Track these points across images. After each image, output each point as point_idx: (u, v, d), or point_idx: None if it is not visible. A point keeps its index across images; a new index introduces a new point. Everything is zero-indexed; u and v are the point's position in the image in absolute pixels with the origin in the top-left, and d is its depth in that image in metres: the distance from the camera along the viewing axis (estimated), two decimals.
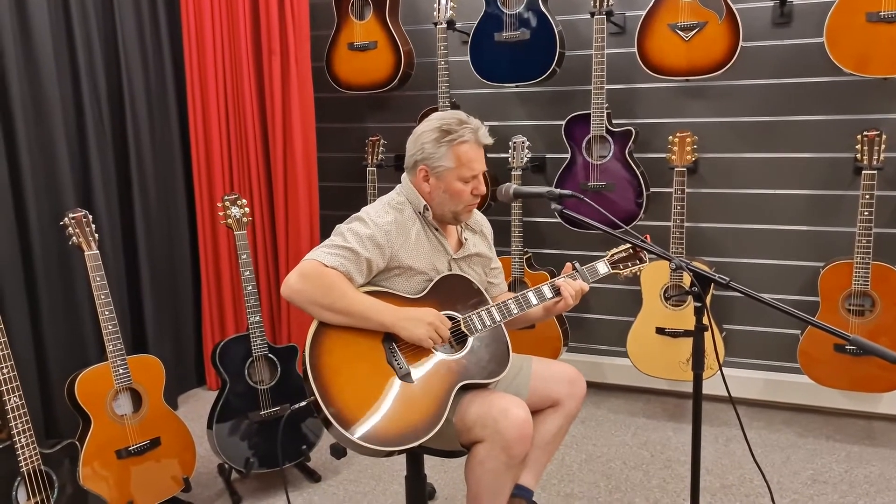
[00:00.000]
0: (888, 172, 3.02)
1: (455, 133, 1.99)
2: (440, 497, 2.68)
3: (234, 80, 3.57)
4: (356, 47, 3.55)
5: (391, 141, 3.71)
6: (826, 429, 3.11)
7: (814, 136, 3.14)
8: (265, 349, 2.71)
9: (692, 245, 3.32)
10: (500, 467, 1.91)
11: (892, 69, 2.74)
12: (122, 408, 2.43)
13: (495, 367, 1.99)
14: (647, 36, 3.05)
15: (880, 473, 2.75)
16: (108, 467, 2.37)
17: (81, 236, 2.39)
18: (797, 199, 3.21)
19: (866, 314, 2.89)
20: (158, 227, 3.52)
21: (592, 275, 2.12)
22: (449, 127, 2.00)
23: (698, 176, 3.33)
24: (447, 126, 2.00)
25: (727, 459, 2.88)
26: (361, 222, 2.01)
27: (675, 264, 1.69)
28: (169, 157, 3.58)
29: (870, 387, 2.93)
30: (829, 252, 3.15)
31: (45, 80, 2.93)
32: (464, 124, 2.01)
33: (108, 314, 2.37)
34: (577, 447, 3.03)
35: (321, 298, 1.91)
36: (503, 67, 3.29)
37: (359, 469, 2.90)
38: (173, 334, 3.63)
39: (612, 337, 3.58)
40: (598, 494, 2.67)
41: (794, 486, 2.68)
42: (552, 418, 2.13)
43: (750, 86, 3.20)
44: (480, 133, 2.03)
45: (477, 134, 2.02)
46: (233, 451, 2.66)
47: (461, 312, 2.02)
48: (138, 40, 3.38)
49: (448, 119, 2.02)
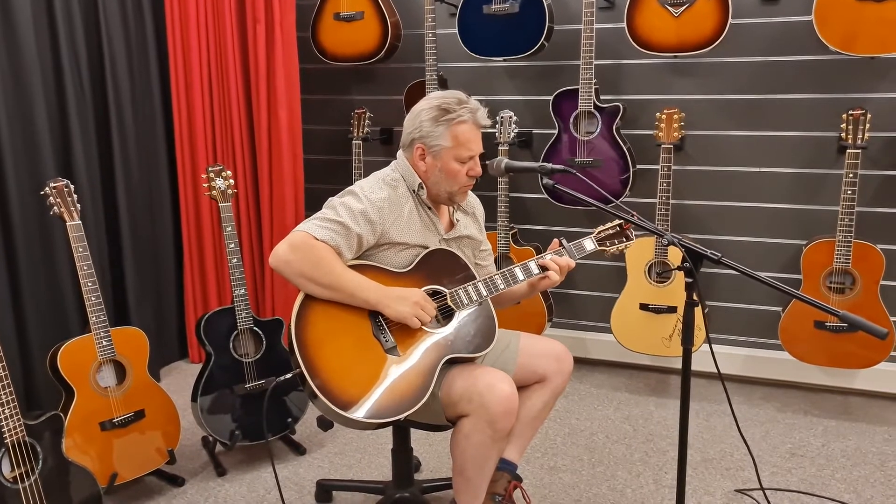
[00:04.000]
0: (872, 151, 3.04)
1: (454, 112, 1.99)
2: (425, 470, 2.70)
3: (218, 49, 3.51)
4: (342, 17, 3.50)
5: (377, 114, 3.68)
6: (804, 404, 3.17)
7: (799, 114, 3.15)
8: (250, 322, 2.70)
9: (677, 222, 3.33)
10: (485, 441, 1.93)
11: (879, 48, 2.75)
12: (106, 380, 2.41)
13: (481, 342, 2.00)
14: (636, 11, 3.03)
15: (856, 447, 2.80)
16: (91, 439, 2.36)
17: (63, 206, 2.35)
18: (782, 176, 3.23)
19: (847, 292, 2.92)
20: (141, 197, 3.47)
21: (579, 251, 2.13)
22: (448, 106, 1.99)
23: (684, 153, 3.33)
24: (446, 105, 1.99)
25: (708, 434, 2.92)
26: (354, 197, 2.00)
27: (668, 240, 1.69)
28: (151, 126, 3.52)
29: (848, 363, 2.98)
30: (811, 230, 3.18)
31: (24, 45, 2.86)
32: (463, 104, 2.00)
33: (91, 286, 2.34)
34: (560, 421, 3.06)
35: (309, 271, 1.90)
36: (491, 41, 3.26)
37: (344, 442, 2.91)
38: (155, 306, 3.60)
39: (597, 313, 3.60)
40: (582, 468, 2.70)
41: (772, 459, 2.72)
42: (538, 394, 2.14)
43: (737, 63, 3.20)
44: (479, 114, 2.03)
45: (475, 115, 2.02)
46: (218, 424, 2.66)
47: (448, 287, 2.02)
48: (119, 6, 3.30)
49: (448, 98, 2.01)
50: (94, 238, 3.17)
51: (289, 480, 2.65)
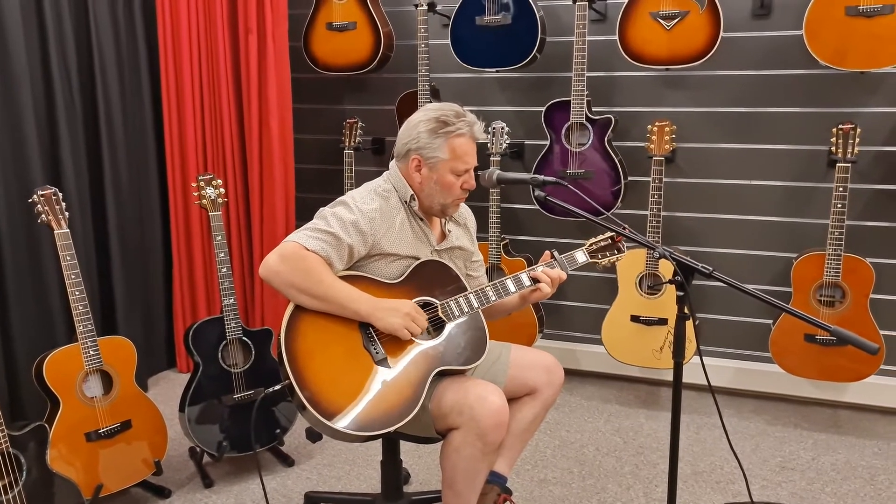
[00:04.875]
0: (862, 165, 3.05)
1: (452, 125, 1.98)
2: (415, 482, 2.68)
3: (210, 59, 3.50)
4: (335, 27, 3.50)
5: (369, 124, 3.67)
6: (794, 417, 3.16)
7: (790, 128, 3.17)
8: (239, 332, 2.68)
9: (668, 234, 3.34)
10: (475, 454, 1.91)
11: (869, 63, 2.77)
12: (93, 390, 2.39)
13: (471, 354, 1.99)
14: (628, 23, 3.04)
15: (846, 461, 2.80)
16: (77, 450, 2.33)
17: (51, 214, 2.33)
18: (772, 190, 3.24)
19: (836, 305, 2.93)
20: (130, 205, 3.45)
21: (571, 264, 2.12)
22: (447, 118, 1.99)
23: (675, 165, 3.34)
24: (445, 117, 1.99)
25: (698, 447, 2.91)
26: (346, 207, 1.99)
27: (659, 253, 1.69)
28: (141, 135, 3.50)
29: (837, 376, 2.98)
30: (802, 243, 3.19)
31: (13, 52, 2.84)
32: (461, 117, 2.00)
33: (79, 294, 2.32)
34: (550, 433, 3.04)
35: (299, 282, 1.89)
36: (484, 52, 3.27)
37: (333, 454, 2.88)
38: (144, 315, 3.57)
39: (587, 324, 3.60)
40: (572, 480, 2.69)
41: (762, 472, 2.72)
42: (529, 406, 2.13)
43: (729, 76, 3.22)
44: (476, 128, 2.03)
45: (473, 128, 2.02)
46: (205, 435, 2.63)
47: (439, 298, 2.01)
48: (110, 14, 3.29)
49: (445, 110, 2.01)
50: (82, 246, 3.15)
51: (277, 492, 2.63)
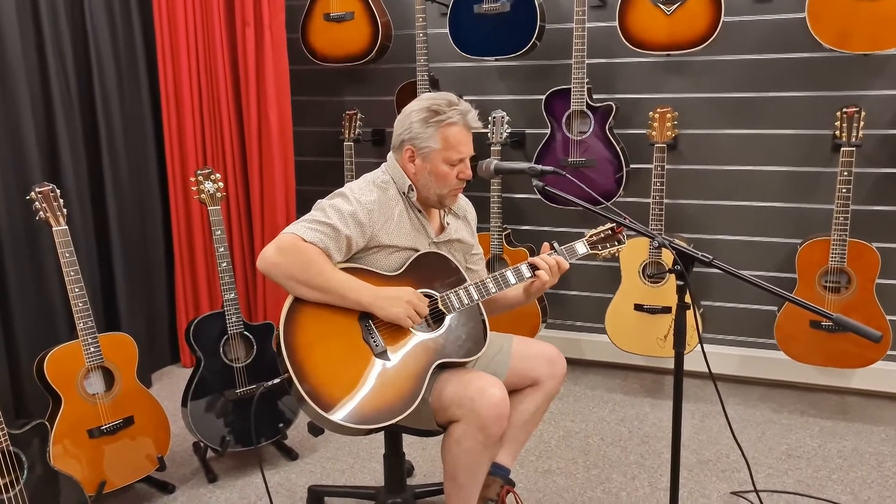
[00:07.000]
0: (866, 149, 3.02)
1: (443, 114, 1.96)
2: (418, 474, 2.68)
3: (207, 51, 3.47)
4: (332, 18, 3.47)
5: (368, 115, 3.65)
6: (800, 404, 3.14)
7: (793, 112, 3.13)
8: (241, 326, 2.67)
9: (671, 222, 3.31)
10: (476, 447, 1.90)
11: (873, 45, 2.73)
12: (94, 386, 2.38)
13: (472, 346, 1.98)
14: (628, 9, 3.00)
15: (853, 448, 2.78)
16: (79, 447, 2.33)
17: (49, 211, 2.32)
18: (776, 175, 3.21)
19: (842, 291, 2.90)
20: (130, 201, 3.44)
21: (571, 255, 2.09)
22: (438, 107, 1.97)
23: (678, 152, 3.31)
24: (436, 106, 1.97)
25: (704, 435, 2.90)
26: (344, 198, 1.97)
27: (658, 242, 1.67)
28: (140, 129, 3.49)
29: (844, 363, 2.96)
30: (806, 229, 3.16)
31: (9, 48, 2.82)
32: (453, 106, 1.98)
33: (79, 291, 2.32)
34: (554, 423, 3.03)
35: (298, 274, 1.88)
36: (482, 40, 3.24)
37: (336, 447, 2.88)
38: (146, 311, 3.57)
39: (591, 313, 3.58)
40: (576, 470, 2.68)
41: (769, 461, 2.70)
42: (531, 397, 2.12)
43: (731, 61, 3.18)
44: (469, 116, 2.00)
45: (466, 117, 1.99)
46: (208, 430, 2.63)
47: (439, 290, 2.00)
48: (106, 9, 3.27)
49: (437, 100, 1.99)
50: (83, 242, 3.14)
51: (280, 486, 2.63)
